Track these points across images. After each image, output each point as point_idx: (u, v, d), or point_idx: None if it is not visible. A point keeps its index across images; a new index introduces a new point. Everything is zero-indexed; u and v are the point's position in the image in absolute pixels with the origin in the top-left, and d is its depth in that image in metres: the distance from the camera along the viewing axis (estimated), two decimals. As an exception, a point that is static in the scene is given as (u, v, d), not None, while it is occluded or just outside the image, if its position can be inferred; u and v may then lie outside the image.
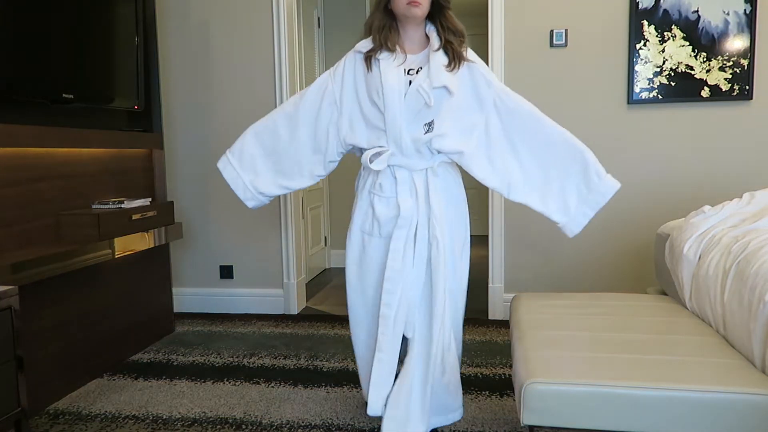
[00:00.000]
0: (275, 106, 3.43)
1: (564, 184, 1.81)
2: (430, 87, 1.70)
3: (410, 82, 1.73)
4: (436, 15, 1.77)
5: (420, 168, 1.78)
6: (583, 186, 1.81)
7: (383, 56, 1.75)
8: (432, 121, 1.75)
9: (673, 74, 3.09)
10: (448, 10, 1.78)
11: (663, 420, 1.29)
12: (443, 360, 1.83)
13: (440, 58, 1.74)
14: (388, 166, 1.78)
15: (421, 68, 1.75)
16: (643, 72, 3.11)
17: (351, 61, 1.83)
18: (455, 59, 1.74)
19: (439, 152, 1.79)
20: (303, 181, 1.94)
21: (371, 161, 1.76)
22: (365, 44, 1.80)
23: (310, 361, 2.75)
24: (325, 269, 4.85)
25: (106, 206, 2.59)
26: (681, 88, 3.09)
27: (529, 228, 3.33)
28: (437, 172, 1.80)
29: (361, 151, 1.85)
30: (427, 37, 1.80)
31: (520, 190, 1.83)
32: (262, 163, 1.95)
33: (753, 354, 1.44)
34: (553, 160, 1.81)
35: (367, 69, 1.77)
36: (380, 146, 1.77)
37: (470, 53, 1.80)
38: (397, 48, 1.76)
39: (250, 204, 2.00)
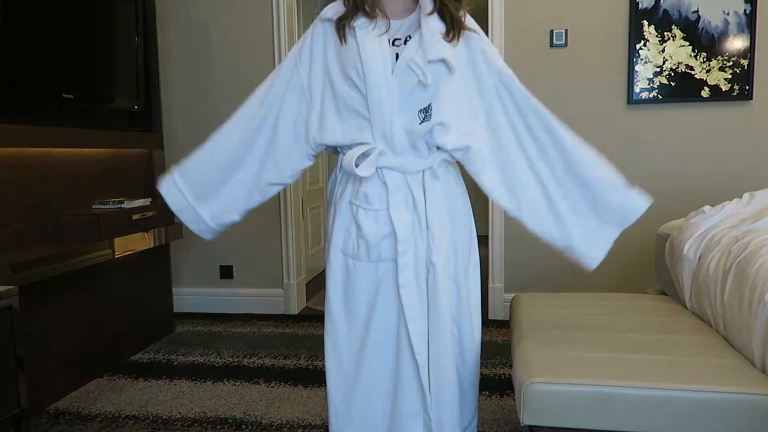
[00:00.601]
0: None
1: (583, 200, 1.45)
2: (424, 60, 1.30)
3: (397, 56, 1.33)
4: None
5: (416, 170, 1.38)
6: (606, 202, 1.47)
7: (360, 23, 1.34)
8: (429, 105, 1.35)
9: (673, 74, 3.09)
10: None
11: (663, 420, 1.29)
12: None
13: (435, 24, 1.34)
14: (376, 169, 1.37)
15: (409, 37, 1.35)
16: (643, 72, 3.11)
17: (320, 33, 1.40)
18: (454, 27, 1.35)
19: (439, 148, 1.39)
20: (259, 198, 1.54)
21: (357, 165, 1.34)
22: (334, 9, 1.38)
23: (310, 361, 2.75)
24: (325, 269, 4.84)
25: (106, 206, 2.59)
26: (681, 88, 3.09)
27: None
28: (437, 173, 1.40)
29: (336, 149, 1.44)
30: None
31: (539, 210, 1.45)
32: (219, 183, 1.53)
33: (753, 354, 1.44)
34: (569, 168, 1.43)
35: (340, 41, 1.35)
36: (363, 143, 1.36)
37: (469, 20, 1.41)
38: (378, 13, 1.35)
39: (207, 236, 1.61)
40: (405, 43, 1.35)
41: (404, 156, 1.37)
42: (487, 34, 3.25)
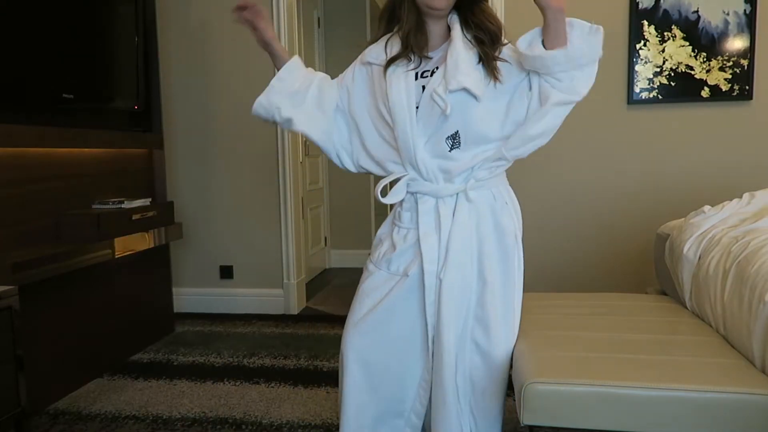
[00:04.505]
0: (275, 106, 3.43)
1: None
2: (446, 90, 1.36)
3: (423, 88, 1.40)
4: (463, 7, 1.43)
5: (448, 194, 1.44)
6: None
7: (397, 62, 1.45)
8: (456, 132, 1.40)
9: (673, 74, 3.09)
10: (480, 3, 1.43)
11: (663, 420, 1.29)
12: None
13: (462, 53, 1.38)
14: (410, 193, 1.47)
15: (437, 68, 1.42)
16: (643, 72, 3.11)
17: (362, 74, 1.53)
18: (486, 62, 1.40)
19: (474, 169, 1.44)
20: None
21: (383, 195, 1.47)
22: (375, 53, 1.48)
23: (310, 361, 2.75)
24: (325, 269, 4.85)
25: (106, 206, 2.59)
26: (681, 88, 3.09)
27: (529, 228, 3.31)
28: (470, 196, 1.44)
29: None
30: (449, 28, 1.45)
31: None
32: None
33: (753, 354, 1.44)
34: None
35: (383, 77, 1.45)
36: (395, 171, 1.48)
37: (506, 50, 1.44)
38: (425, 52, 1.46)
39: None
40: (432, 74, 1.41)
41: (435, 182, 1.44)
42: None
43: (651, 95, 3.12)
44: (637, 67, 3.11)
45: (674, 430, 1.29)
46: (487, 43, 1.40)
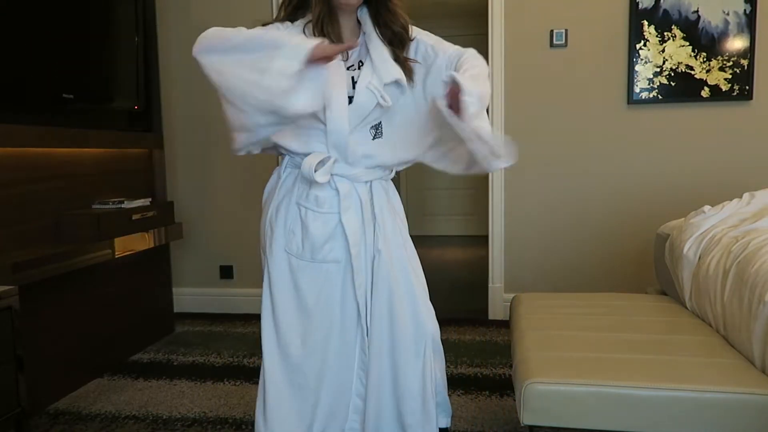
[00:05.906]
0: (275, 106, 3.43)
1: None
2: (381, 84, 1.40)
3: (353, 79, 1.42)
4: (371, 2, 1.46)
5: (364, 180, 1.48)
6: None
7: None
8: (380, 123, 1.46)
9: (673, 74, 3.09)
10: (388, 2, 1.44)
11: (663, 420, 1.29)
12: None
13: (381, 47, 1.44)
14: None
15: (361, 62, 1.44)
16: (643, 72, 3.11)
17: None
18: (395, 44, 1.44)
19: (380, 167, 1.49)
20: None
21: (316, 170, 1.41)
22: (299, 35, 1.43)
23: (310, 361, 2.75)
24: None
25: (106, 206, 2.59)
26: (681, 88, 3.09)
27: (529, 228, 3.33)
28: (381, 183, 1.53)
29: (279, 150, 1.51)
30: (359, 23, 1.49)
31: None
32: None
33: (753, 354, 1.45)
34: None
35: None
36: (317, 152, 1.44)
37: (414, 30, 1.49)
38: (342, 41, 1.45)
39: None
40: (358, 68, 1.44)
41: (355, 167, 1.46)
42: (487, 34, 3.26)
43: (651, 95, 3.12)
44: (637, 67, 3.11)
45: (674, 430, 1.30)
46: (396, 44, 1.44)
